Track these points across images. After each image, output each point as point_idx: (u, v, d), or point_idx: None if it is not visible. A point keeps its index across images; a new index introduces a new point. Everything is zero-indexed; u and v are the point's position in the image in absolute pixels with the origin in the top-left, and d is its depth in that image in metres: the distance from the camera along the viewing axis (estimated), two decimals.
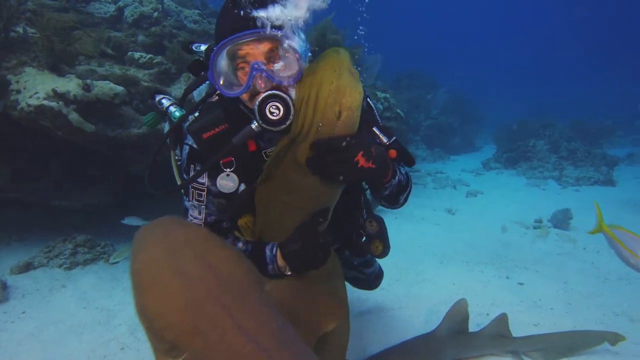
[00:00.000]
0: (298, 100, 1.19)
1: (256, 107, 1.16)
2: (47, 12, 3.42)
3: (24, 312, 2.68)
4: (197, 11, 6.07)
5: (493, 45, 43.37)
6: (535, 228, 4.80)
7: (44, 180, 3.81)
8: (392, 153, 1.33)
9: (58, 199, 3.74)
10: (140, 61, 4.03)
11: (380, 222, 1.70)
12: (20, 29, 3.60)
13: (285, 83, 1.18)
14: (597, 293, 3.10)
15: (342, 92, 1.17)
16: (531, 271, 3.54)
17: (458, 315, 2.21)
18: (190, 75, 4.01)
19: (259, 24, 1.14)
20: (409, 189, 1.50)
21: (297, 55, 1.17)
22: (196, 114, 1.47)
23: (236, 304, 0.98)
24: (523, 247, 4.16)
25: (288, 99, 1.16)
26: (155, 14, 5.33)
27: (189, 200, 1.43)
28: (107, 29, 4.82)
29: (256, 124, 1.20)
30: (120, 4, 5.39)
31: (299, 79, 1.19)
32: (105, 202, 3.86)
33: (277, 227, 1.35)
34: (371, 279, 2.07)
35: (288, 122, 1.18)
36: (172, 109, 1.61)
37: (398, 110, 7.25)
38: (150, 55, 4.10)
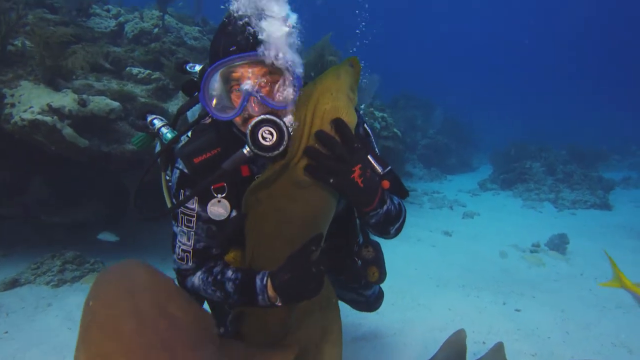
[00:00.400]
0: (294, 122, 1.16)
1: (248, 132, 1.12)
2: (45, 26, 3.42)
3: (6, 332, 2.59)
4: (197, 28, 6.13)
5: (487, 67, 44.19)
6: (531, 252, 4.76)
7: (32, 195, 3.75)
8: (385, 184, 1.29)
9: (47, 214, 3.68)
10: (138, 77, 4.03)
11: (377, 248, 1.65)
12: (19, 43, 3.60)
13: (280, 108, 1.15)
14: (595, 322, 3.05)
15: (338, 112, 1.16)
16: (528, 297, 3.48)
17: (455, 346, 2.14)
18: None
19: (252, 47, 1.11)
20: (401, 221, 1.43)
21: (292, 79, 1.14)
22: (188, 135, 1.45)
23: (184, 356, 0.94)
24: (519, 272, 4.12)
25: (282, 124, 1.12)
26: (156, 30, 5.37)
27: (177, 226, 1.38)
28: (107, 43, 4.84)
29: (248, 149, 1.16)
30: (121, 19, 5.44)
31: (294, 102, 1.17)
32: (95, 217, 3.79)
33: (267, 255, 1.29)
34: (371, 301, 1.98)
35: (282, 148, 1.13)
36: (163, 130, 1.58)
37: (395, 130, 7.28)
38: (148, 71, 4.10)
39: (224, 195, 1.29)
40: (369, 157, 1.29)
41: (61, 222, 3.68)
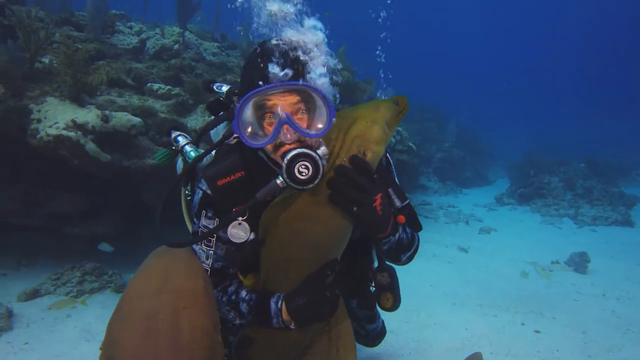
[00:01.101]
0: (327, 152, 1.18)
1: (284, 165, 1.11)
2: (71, 44, 3.55)
3: (26, 343, 2.65)
4: (216, 44, 6.28)
5: (500, 78, 43.99)
6: (551, 271, 4.65)
7: (54, 207, 3.86)
8: (401, 219, 1.32)
9: (68, 225, 3.77)
10: (158, 92, 4.14)
11: (392, 274, 1.66)
12: (46, 60, 3.75)
13: (312, 136, 1.15)
14: (618, 346, 2.95)
15: (369, 139, 1.20)
16: (547, 318, 3.39)
17: None
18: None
19: (286, 76, 1.12)
20: (413, 250, 1.46)
21: (326, 108, 1.14)
22: (212, 154, 1.47)
23: None
24: (538, 291, 4.02)
25: (318, 158, 1.11)
26: (176, 46, 5.51)
27: (197, 245, 1.41)
28: (129, 59, 4.99)
29: (281, 180, 1.15)
30: (143, 36, 5.61)
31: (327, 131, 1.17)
32: (114, 229, 3.87)
33: (282, 278, 1.31)
34: (372, 336, 1.97)
35: (316, 182, 1.13)
36: (187, 148, 1.62)
37: (410, 144, 7.27)
38: (168, 87, 4.21)
39: (244, 218, 1.28)
40: (389, 190, 1.33)
41: (81, 234, 3.76)
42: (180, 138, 1.64)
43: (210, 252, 1.38)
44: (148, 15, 6.70)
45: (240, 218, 1.28)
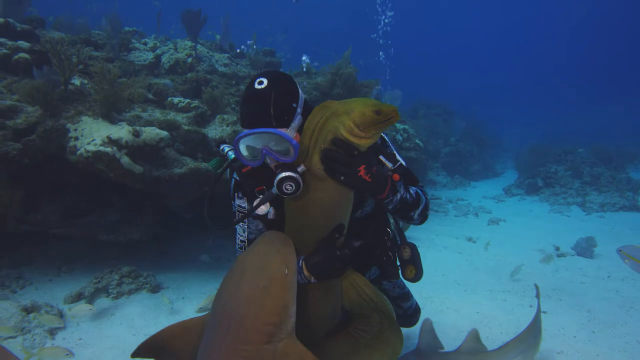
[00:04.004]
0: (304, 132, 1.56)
1: (275, 184, 1.49)
2: (97, 64, 3.85)
3: (80, 339, 2.95)
4: (226, 55, 6.57)
5: (503, 69, 43.83)
6: (558, 256, 4.85)
7: (90, 217, 4.18)
8: (396, 177, 1.65)
9: (105, 233, 4.08)
10: (179, 105, 4.43)
11: (414, 249, 1.97)
12: (77, 82, 4.07)
13: (284, 161, 1.53)
14: (621, 322, 3.16)
15: (337, 134, 1.51)
16: (554, 300, 3.61)
17: (427, 335, 2.42)
18: (224, 117, 4.36)
19: (266, 121, 1.52)
20: (421, 207, 1.75)
21: (291, 144, 1.50)
22: None
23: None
24: (546, 276, 4.23)
25: (298, 177, 1.49)
26: (190, 59, 5.82)
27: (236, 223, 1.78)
28: (147, 75, 5.30)
29: (275, 190, 1.55)
30: (158, 52, 5.92)
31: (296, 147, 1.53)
32: (147, 236, 4.17)
33: (300, 243, 1.64)
34: (409, 314, 2.27)
35: (297, 193, 1.51)
36: (230, 153, 1.95)
37: (417, 141, 7.48)
38: (188, 100, 4.50)
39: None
40: (380, 157, 1.66)
41: (116, 240, 4.07)
42: (225, 147, 1.96)
43: (245, 226, 1.79)
44: (161, 29, 7.02)
45: (261, 196, 1.68)
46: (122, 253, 4.40)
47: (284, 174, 1.48)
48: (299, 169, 1.51)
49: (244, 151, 1.57)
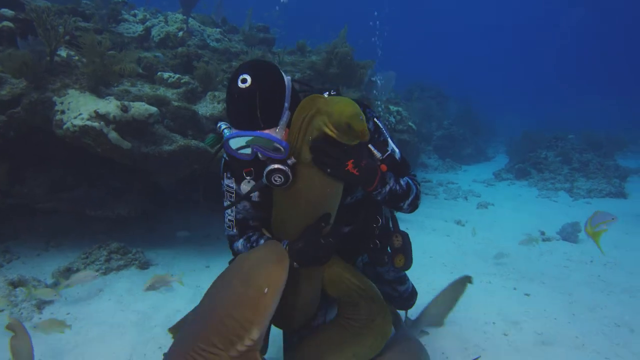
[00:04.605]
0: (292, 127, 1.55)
1: (265, 174, 1.52)
2: (86, 35, 3.72)
3: (68, 314, 2.96)
4: (218, 29, 6.41)
5: (497, 56, 43.72)
6: (543, 240, 4.94)
7: (78, 191, 4.13)
8: (383, 167, 1.63)
9: (92, 209, 4.04)
10: (169, 81, 4.34)
11: (405, 237, 1.97)
12: (64, 53, 3.94)
13: (275, 157, 1.52)
14: (601, 305, 3.25)
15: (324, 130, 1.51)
16: (537, 283, 3.69)
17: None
18: (215, 94, 4.28)
19: (254, 121, 1.49)
20: (411, 197, 1.74)
21: (281, 146, 1.49)
22: None
23: None
24: (530, 260, 4.32)
25: (287, 170, 1.51)
26: (180, 33, 5.66)
27: (225, 201, 1.80)
28: (137, 48, 5.16)
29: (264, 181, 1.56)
30: (148, 24, 5.75)
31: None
32: (135, 212, 4.14)
33: (288, 229, 1.68)
34: (405, 297, 2.28)
35: (287, 185, 1.54)
36: (226, 131, 1.92)
37: (410, 123, 7.46)
38: (178, 75, 4.40)
39: (252, 177, 1.70)
40: (369, 146, 1.64)
41: (104, 215, 4.04)
42: (222, 124, 1.93)
43: (233, 206, 1.80)
44: (151, 1, 6.80)
45: (248, 177, 1.70)
46: (111, 228, 4.37)
47: (273, 166, 1.50)
48: (289, 162, 1.52)
49: (234, 145, 1.56)
